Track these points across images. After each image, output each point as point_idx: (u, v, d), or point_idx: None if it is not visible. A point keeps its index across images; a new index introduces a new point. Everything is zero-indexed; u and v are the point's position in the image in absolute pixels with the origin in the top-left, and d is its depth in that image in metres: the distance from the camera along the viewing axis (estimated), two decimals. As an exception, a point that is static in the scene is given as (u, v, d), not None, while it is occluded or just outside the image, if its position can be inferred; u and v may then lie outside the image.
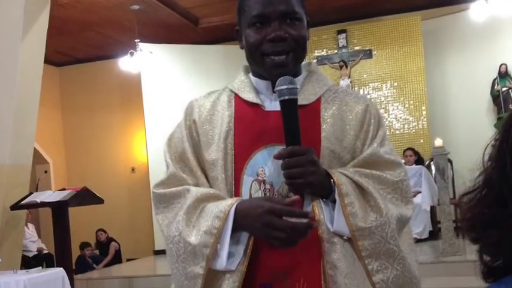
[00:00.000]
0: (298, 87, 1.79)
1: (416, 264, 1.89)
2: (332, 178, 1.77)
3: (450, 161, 9.54)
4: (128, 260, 12.22)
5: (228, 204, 1.74)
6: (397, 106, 11.20)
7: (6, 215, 7.32)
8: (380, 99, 11.20)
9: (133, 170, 13.37)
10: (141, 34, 11.09)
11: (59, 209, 7.05)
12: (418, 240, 8.81)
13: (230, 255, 1.74)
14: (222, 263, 1.73)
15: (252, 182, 1.83)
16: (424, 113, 11.03)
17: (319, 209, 1.78)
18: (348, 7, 11.20)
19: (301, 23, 1.88)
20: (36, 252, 11.26)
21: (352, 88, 10.81)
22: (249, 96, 1.92)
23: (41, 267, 7.07)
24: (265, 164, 1.83)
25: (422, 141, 10.96)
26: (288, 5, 1.84)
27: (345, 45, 11.44)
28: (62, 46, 12.23)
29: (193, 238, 1.75)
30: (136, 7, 10.46)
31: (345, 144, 1.87)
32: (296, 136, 1.74)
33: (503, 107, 10.56)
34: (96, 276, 9.36)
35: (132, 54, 11.03)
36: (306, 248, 1.74)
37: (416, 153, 10.18)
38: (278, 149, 1.78)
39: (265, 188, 1.82)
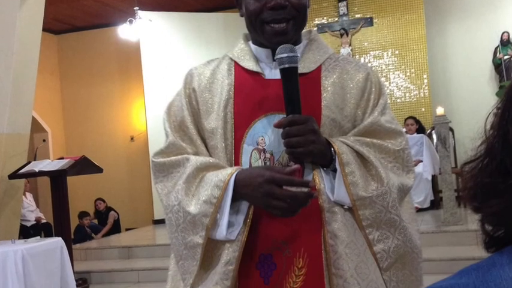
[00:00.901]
0: (298, 55, 1.78)
1: (417, 234, 1.89)
2: (333, 147, 1.76)
3: (452, 130, 9.54)
4: (127, 229, 12.27)
5: (228, 173, 1.73)
6: (398, 74, 11.15)
7: (4, 184, 7.33)
8: (381, 68, 11.16)
9: (132, 139, 13.37)
10: (140, 2, 11.01)
11: (58, 178, 7.05)
12: (419, 210, 8.82)
13: (230, 224, 1.73)
14: (221, 232, 1.73)
15: (252, 151, 1.82)
16: (425, 81, 10.99)
17: (319, 178, 1.78)
18: (348, -26, 11.10)
19: None
20: (35, 222, 11.31)
21: (352, 56, 10.76)
22: (249, 64, 1.91)
23: (39, 237, 7.10)
24: (265, 133, 1.81)
25: (423, 109, 10.94)
26: None
27: (346, 13, 11.36)
28: (60, 13, 12.15)
29: (193, 207, 1.74)
30: (135, -26, 10.37)
31: (346, 112, 1.86)
32: (296, 105, 1.72)
33: (505, 75, 10.53)
34: (94, 245, 9.40)
35: (131, 22, 10.97)
36: (306, 217, 1.74)
37: (417, 121, 10.14)
38: (278, 117, 1.77)
39: (265, 157, 1.81)
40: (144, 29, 11.09)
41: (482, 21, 10.88)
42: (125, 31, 11.20)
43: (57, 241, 6.16)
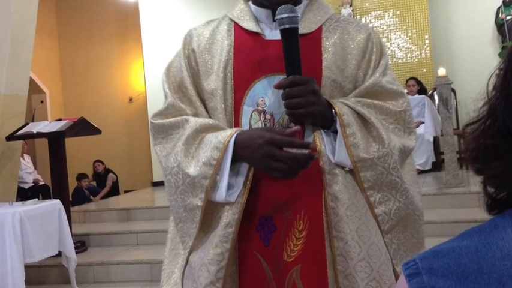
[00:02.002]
0: (299, 15, 1.76)
1: (419, 196, 1.89)
2: (333, 108, 1.75)
3: (454, 91, 9.50)
4: (126, 191, 12.31)
5: (228, 134, 1.72)
6: (400, 35, 11.06)
7: (2, 145, 7.31)
8: (382, 28, 11.06)
9: (131, 100, 13.34)
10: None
11: (56, 140, 7.03)
12: (421, 172, 8.83)
13: (230, 186, 1.73)
14: (221, 194, 1.72)
15: (252, 112, 1.81)
16: (427, 42, 10.91)
17: (320, 140, 1.77)
18: None
19: None
20: (32, 184, 11.32)
21: (353, 17, 10.66)
22: (249, 25, 1.89)
23: (37, 199, 7.10)
24: (265, 94, 1.80)
25: (425, 70, 10.88)
26: None
27: (346, -28, 11.22)
28: (57, -27, 12.00)
29: (192, 169, 1.74)
30: None
31: (347, 73, 1.85)
32: (297, 65, 1.71)
33: (507, 36, 10.45)
34: (93, 208, 9.42)
35: (129, -19, 10.84)
36: (306, 179, 1.74)
37: (419, 82, 10.10)
38: (278, 78, 1.76)
39: (265, 119, 1.80)
40: (143, -11, 10.97)
41: (485, -20, 10.77)
42: (123, -9, 11.08)
43: (55, 203, 6.17)
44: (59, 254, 6.19)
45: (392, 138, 1.80)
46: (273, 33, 1.86)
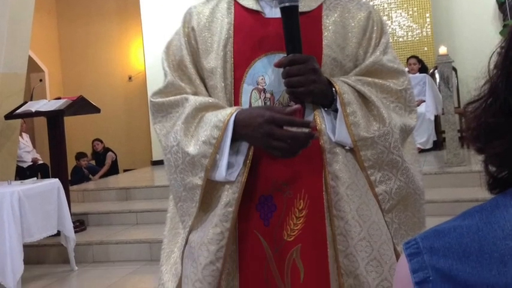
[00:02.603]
0: (299, -6, 1.74)
1: (420, 175, 1.89)
2: (334, 87, 1.74)
3: (455, 69, 9.47)
4: (125, 170, 12.31)
5: (228, 113, 1.71)
6: (401, 13, 11.00)
7: (0, 124, 7.30)
8: (383, 6, 10.99)
9: (130, 78, 13.31)
10: None
11: (54, 119, 7.01)
12: (421, 151, 8.80)
13: (229, 165, 1.72)
14: (221, 173, 1.72)
15: (252, 90, 1.80)
16: (428, 20, 10.85)
17: (320, 119, 1.76)
18: None
19: None
20: (31, 163, 11.32)
21: (352, -5, 10.57)
22: (249, 3, 1.87)
23: (35, 178, 7.13)
24: (265, 73, 1.79)
25: (426, 49, 10.83)
26: None
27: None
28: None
29: (192, 148, 1.73)
30: None
31: (347, 52, 1.84)
32: (297, 44, 1.70)
33: (508, 14, 10.38)
34: (92, 187, 9.42)
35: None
36: (307, 158, 1.73)
37: (420, 61, 10.07)
38: (279, 57, 1.75)
39: (265, 97, 1.79)
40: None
41: (487, -43, 10.68)
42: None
43: (54, 182, 6.17)
44: (58, 234, 6.21)
45: (393, 116, 1.79)
46: (273, 11, 1.84)
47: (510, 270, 0.72)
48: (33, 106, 7.19)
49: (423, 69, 9.98)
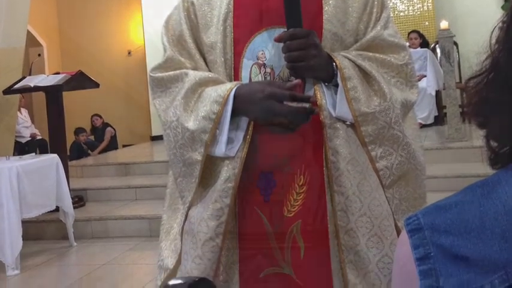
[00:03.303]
0: (298, -33, 1.72)
1: (421, 151, 1.88)
2: (334, 61, 1.73)
3: (456, 44, 9.43)
4: (124, 146, 12.30)
5: (227, 88, 1.70)
6: (402, -13, 10.94)
7: (-1, 99, 7.30)
8: (383, -20, 10.90)
9: (129, 53, 13.24)
10: None
11: (53, 94, 7.00)
12: (423, 126, 8.79)
13: (229, 141, 1.72)
14: (221, 149, 1.72)
15: (252, 65, 1.78)
16: (429, -7, 10.80)
17: (321, 94, 1.75)
18: None
19: None
20: (30, 138, 11.29)
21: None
22: (249, -24, 1.85)
23: (34, 154, 7.12)
24: (265, 47, 1.78)
25: (427, 23, 10.78)
26: None
27: None
28: None
29: (192, 123, 1.73)
30: None
31: (348, 26, 1.82)
32: (297, 18, 1.69)
33: (511, -12, 10.31)
34: (91, 162, 9.43)
35: None
36: (307, 134, 1.73)
37: (421, 36, 10.03)
38: (279, 31, 1.73)
39: (265, 72, 1.78)
40: None
41: None
42: None
43: (53, 158, 6.17)
44: (57, 209, 6.22)
45: (394, 92, 1.78)
46: (272, -15, 1.82)
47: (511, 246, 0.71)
48: (32, 81, 7.17)
49: (424, 43, 9.95)
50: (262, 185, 1.76)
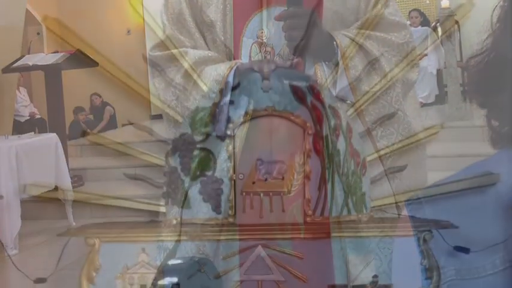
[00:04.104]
0: None
1: (421, 130, 1.88)
2: (335, 40, 1.72)
3: (457, 23, 9.38)
4: (123, 125, 12.27)
5: (227, 67, 1.70)
6: (403, -35, 10.86)
7: (-3, 78, 7.28)
8: (383, -41, 10.83)
9: (128, 32, 13.17)
10: None
11: (52, 73, 6.98)
12: (424, 105, 8.78)
13: (229, 120, 1.71)
14: (220, 128, 1.71)
15: (252, 44, 1.78)
16: (430, -28, 10.74)
17: (321, 73, 1.75)
18: None
19: None
20: (28, 117, 11.24)
21: None
22: (249, -45, 1.84)
23: (33, 133, 7.10)
24: (265, 26, 1.77)
25: (428, 2, 10.73)
26: None
27: None
28: None
29: (191, 103, 1.72)
30: None
31: (349, 5, 1.82)
32: (298, -4, 1.67)
33: (511, -33, 10.26)
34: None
35: None
36: (307, 113, 1.72)
37: (422, 14, 9.98)
38: (279, 10, 1.73)
39: (265, 51, 1.77)
40: None
41: None
42: None
43: (52, 137, 6.15)
44: (56, 189, 6.22)
45: (395, 70, 1.78)
46: (273, -36, 1.81)
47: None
48: (31, 60, 7.15)
49: (425, 22, 9.89)
50: (262, 164, 1.75)
